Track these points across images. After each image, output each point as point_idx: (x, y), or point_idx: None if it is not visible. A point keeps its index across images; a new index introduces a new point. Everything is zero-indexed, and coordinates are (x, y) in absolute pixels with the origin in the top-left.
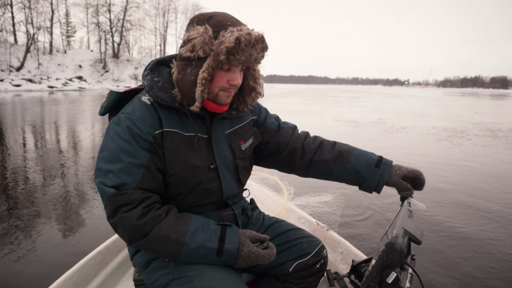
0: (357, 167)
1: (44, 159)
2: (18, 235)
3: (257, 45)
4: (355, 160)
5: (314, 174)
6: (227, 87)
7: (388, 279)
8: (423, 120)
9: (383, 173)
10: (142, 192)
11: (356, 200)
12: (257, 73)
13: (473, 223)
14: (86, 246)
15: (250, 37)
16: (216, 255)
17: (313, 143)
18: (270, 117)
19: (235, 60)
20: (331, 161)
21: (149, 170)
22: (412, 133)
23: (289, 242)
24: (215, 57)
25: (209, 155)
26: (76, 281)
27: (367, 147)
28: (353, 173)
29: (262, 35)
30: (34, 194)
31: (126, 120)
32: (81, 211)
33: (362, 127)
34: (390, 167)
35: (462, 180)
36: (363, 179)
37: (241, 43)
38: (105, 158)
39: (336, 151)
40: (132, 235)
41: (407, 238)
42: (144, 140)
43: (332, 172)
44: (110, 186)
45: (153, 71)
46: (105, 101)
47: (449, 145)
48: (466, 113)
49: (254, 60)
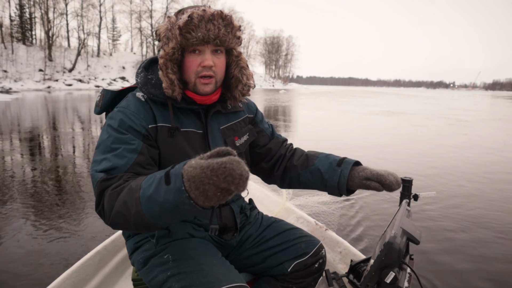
0: (320, 168)
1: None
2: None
3: (215, 20)
4: (318, 162)
5: (288, 182)
6: (200, 71)
7: (386, 279)
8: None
9: (344, 171)
10: (131, 175)
11: (355, 200)
12: (243, 61)
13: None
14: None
15: (204, 13)
16: (165, 183)
17: (289, 151)
18: (265, 122)
19: (192, 38)
20: (298, 166)
21: (142, 156)
22: (377, 129)
23: (288, 241)
24: (175, 40)
25: (205, 150)
26: (75, 281)
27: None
28: (317, 176)
29: (221, 11)
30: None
31: (119, 113)
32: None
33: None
34: (351, 164)
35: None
36: (326, 180)
37: (193, 19)
38: (100, 150)
39: (304, 156)
40: (110, 218)
41: (405, 238)
42: (137, 132)
43: (300, 177)
44: (101, 170)
45: (147, 69)
46: (100, 100)
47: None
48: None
49: (215, 36)
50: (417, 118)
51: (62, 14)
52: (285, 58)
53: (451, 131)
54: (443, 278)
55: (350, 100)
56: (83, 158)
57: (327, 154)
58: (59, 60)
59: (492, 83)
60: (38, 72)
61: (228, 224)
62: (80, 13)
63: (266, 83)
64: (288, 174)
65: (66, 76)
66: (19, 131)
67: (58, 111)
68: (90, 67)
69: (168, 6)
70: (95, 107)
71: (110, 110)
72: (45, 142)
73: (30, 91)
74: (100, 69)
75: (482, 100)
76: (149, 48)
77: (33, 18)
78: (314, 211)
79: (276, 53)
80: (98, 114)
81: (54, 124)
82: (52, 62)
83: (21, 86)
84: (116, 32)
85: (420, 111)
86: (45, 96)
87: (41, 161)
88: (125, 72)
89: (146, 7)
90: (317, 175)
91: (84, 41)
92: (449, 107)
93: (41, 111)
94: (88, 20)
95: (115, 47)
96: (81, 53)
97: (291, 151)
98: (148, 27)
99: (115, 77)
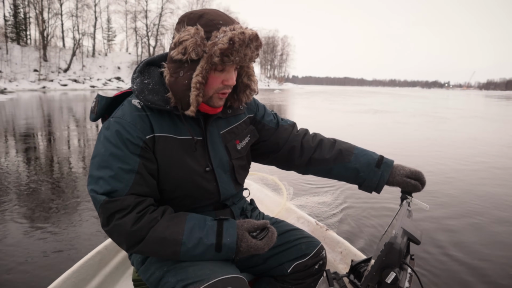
0: (357, 166)
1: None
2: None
3: (251, 44)
4: (355, 160)
5: (314, 171)
6: (221, 88)
7: (387, 279)
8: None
9: (384, 173)
10: (135, 197)
11: (356, 201)
12: (251, 70)
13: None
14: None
15: (244, 37)
16: (215, 250)
17: (312, 141)
18: (268, 114)
19: (229, 62)
20: (331, 159)
21: (141, 175)
22: (363, 125)
23: (288, 242)
24: (209, 59)
25: (205, 157)
26: (75, 281)
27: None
28: (353, 172)
29: (256, 33)
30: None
31: (115, 124)
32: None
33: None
34: (391, 167)
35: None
36: (363, 179)
37: (235, 43)
38: (96, 164)
39: (336, 150)
40: (129, 241)
41: (406, 238)
42: (134, 145)
43: (332, 170)
44: (101, 193)
45: (143, 73)
46: (95, 106)
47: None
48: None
49: (249, 59)
50: (401, 115)
51: (57, 14)
52: (280, 58)
53: (428, 127)
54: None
55: (342, 99)
56: (77, 158)
57: (362, 150)
58: (54, 60)
59: (486, 83)
60: (33, 72)
61: None
62: (75, 13)
63: (261, 83)
64: (315, 166)
65: (61, 76)
66: (14, 130)
67: (53, 111)
68: (85, 67)
69: (163, 6)
70: (90, 114)
71: (106, 116)
72: (40, 142)
73: (25, 91)
74: (95, 69)
75: (471, 99)
76: (144, 48)
77: (28, 18)
78: (314, 211)
79: (271, 53)
80: (93, 120)
81: (50, 124)
82: (47, 62)
83: (16, 86)
84: (111, 32)
85: (406, 109)
86: (40, 96)
87: (36, 160)
88: (120, 72)
89: (141, 7)
90: (352, 172)
91: (79, 41)
92: (436, 106)
93: (36, 111)
94: (83, 20)
95: (110, 47)
96: (76, 53)
97: (315, 140)
98: (143, 27)
99: (110, 77)
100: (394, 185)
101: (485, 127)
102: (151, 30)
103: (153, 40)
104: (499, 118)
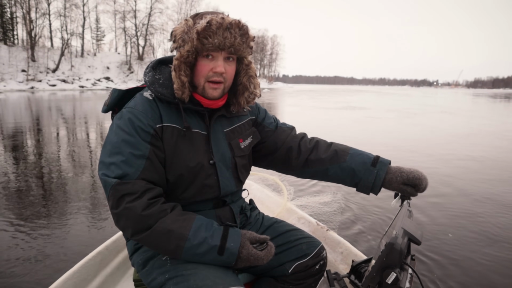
0: (353, 166)
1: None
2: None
3: (232, 28)
4: (350, 159)
5: (311, 173)
6: (211, 76)
7: (387, 279)
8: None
9: (380, 172)
10: (145, 183)
11: (356, 201)
12: (252, 70)
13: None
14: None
15: (222, 21)
16: (217, 253)
17: (309, 143)
18: (268, 117)
19: (208, 44)
20: (326, 160)
21: (151, 161)
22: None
23: (289, 243)
24: (192, 43)
25: (208, 151)
26: (76, 282)
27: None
28: (349, 173)
29: (238, 20)
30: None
31: (128, 113)
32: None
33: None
34: (387, 166)
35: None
36: (359, 178)
37: (212, 25)
38: (107, 151)
39: (332, 150)
40: (136, 226)
41: (406, 238)
42: (145, 132)
43: (328, 171)
44: (113, 177)
45: (155, 69)
46: (108, 98)
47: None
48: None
49: (230, 44)
50: (374, 111)
51: (45, 14)
52: (270, 58)
53: (395, 121)
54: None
55: (328, 97)
56: (67, 158)
57: (358, 151)
58: (42, 60)
59: (473, 81)
60: (21, 73)
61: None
62: (63, 13)
63: None
64: (312, 167)
65: (50, 77)
66: (2, 130)
67: (42, 111)
68: (74, 68)
69: (152, 6)
70: (103, 106)
71: (116, 109)
72: (29, 141)
73: (13, 91)
74: (84, 69)
75: (454, 97)
76: (134, 48)
77: (15, 18)
78: (315, 211)
79: (261, 53)
80: (105, 112)
81: (38, 124)
82: (35, 62)
83: (4, 87)
84: (100, 32)
85: (383, 106)
86: (28, 97)
87: (25, 160)
88: (109, 72)
89: (130, 7)
90: (348, 172)
91: (68, 41)
92: (414, 103)
93: (25, 111)
94: (72, 20)
95: (99, 47)
96: (64, 54)
97: (312, 142)
98: (132, 27)
99: (100, 77)
100: (389, 189)
101: (447, 121)
102: (140, 30)
103: (143, 40)
104: (467, 113)
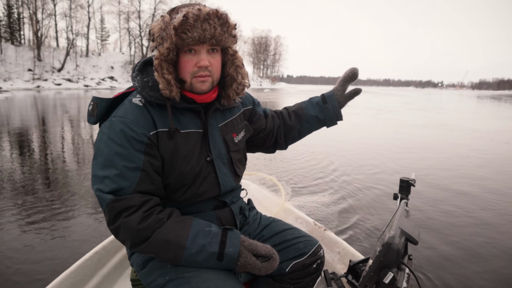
0: (313, 113)
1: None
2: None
3: (210, 19)
4: (308, 110)
5: (291, 140)
6: (196, 71)
7: (385, 279)
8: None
9: (333, 103)
10: (141, 196)
11: (354, 201)
12: (238, 60)
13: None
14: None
15: (199, 12)
16: (216, 259)
17: (280, 119)
18: (260, 107)
19: (188, 38)
20: (294, 124)
21: (146, 173)
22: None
23: (286, 242)
24: (170, 40)
25: (205, 148)
26: (73, 282)
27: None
28: (314, 121)
29: (216, 9)
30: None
31: (119, 123)
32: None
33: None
34: (333, 95)
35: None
36: (323, 119)
37: (188, 18)
38: (100, 164)
39: (292, 113)
40: (134, 240)
41: (404, 238)
42: (139, 142)
43: (300, 130)
44: (108, 192)
45: (142, 72)
46: (94, 109)
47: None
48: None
49: (211, 36)
50: (359, 109)
51: (51, 15)
52: (273, 58)
53: (372, 116)
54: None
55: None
56: (72, 155)
57: (306, 101)
58: (48, 60)
59: (479, 83)
60: (27, 72)
61: (228, 225)
62: (68, 13)
63: (253, 83)
64: (289, 135)
65: (55, 76)
66: (8, 129)
67: (47, 109)
68: (79, 67)
69: (156, 7)
70: (88, 117)
71: (105, 118)
72: (35, 139)
73: (20, 90)
74: (89, 69)
75: (451, 98)
76: (138, 48)
77: (22, 19)
78: (313, 211)
79: (264, 53)
80: (94, 124)
81: (44, 122)
82: (41, 62)
83: (11, 86)
84: (105, 33)
85: (374, 105)
86: (34, 96)
87: (30, 157)
88: (113, 72)
89: (134, 8)
90: (313, 120)
91: (73, 41)
92: (404, 102)
93: (31, 109)
94: (77, 21)
95: (103, 47)
96: (70, 53)
97: (280, 116)
98: (136, 28)
99: (104, 76)
100: (344, 106)
101: (423, 117)
102: (144, 30)
103: (146, 40)
104: (455, 111)
